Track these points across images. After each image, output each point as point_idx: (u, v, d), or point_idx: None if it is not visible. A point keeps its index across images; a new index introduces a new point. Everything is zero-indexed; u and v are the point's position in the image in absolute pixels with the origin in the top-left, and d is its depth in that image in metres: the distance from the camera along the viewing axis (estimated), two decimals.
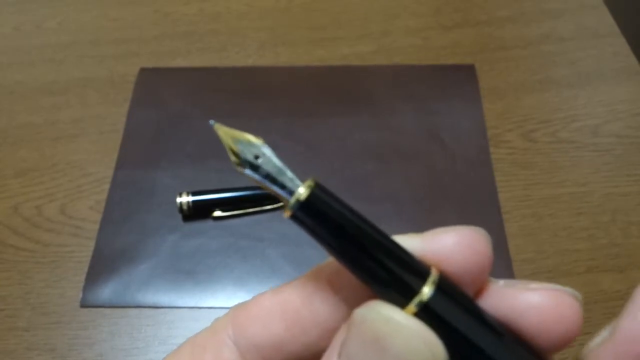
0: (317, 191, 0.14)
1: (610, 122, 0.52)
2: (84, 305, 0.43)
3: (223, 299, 0.43)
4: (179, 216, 0.47)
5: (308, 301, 0.16)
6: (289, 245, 0.45)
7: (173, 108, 0.54)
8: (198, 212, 0.47)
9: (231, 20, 0.62)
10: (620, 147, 0.50)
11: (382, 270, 0.14)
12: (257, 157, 0.15)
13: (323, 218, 0.14)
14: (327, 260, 0.16)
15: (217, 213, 0.47)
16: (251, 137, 0.15)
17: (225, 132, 0.15)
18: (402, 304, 0.14)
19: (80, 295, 0.44)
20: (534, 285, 0.14)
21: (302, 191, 0.14)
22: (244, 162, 0.15)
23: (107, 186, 0.49)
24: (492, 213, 0.46)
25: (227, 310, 0.17)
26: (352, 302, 0.15)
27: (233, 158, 0.15)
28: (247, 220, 0.47)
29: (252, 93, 0.55)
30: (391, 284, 0.14)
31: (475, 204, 0.47)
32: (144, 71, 0.57)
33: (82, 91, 0.56)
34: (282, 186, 0.15)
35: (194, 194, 0.47)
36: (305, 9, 0.63)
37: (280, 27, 0.61)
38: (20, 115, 0.55)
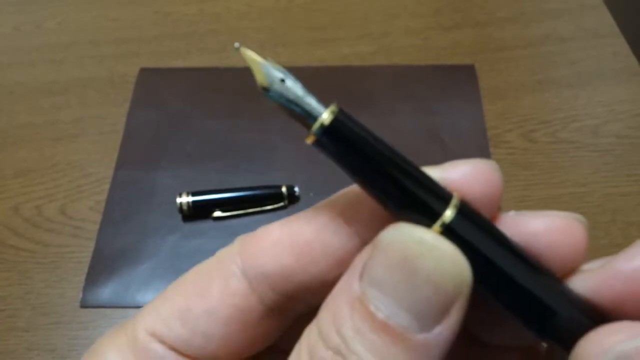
0: (340, 116, 0.14)
1: (610, 123, 0.52)
2: (84, 305, 0.43)
3: None
4: (179, 216, 0.47)
5: (319, 232, 0.16)
6: None
7: (173, 108, 0.54)
8: (198, 212, 0.47)
9: (231, 21, 0.62)
10: (620, 147, 0.50)
11: (405, 193, 0.14)
12: (282, 80, 0.15)
13: (347, 143, 0.14)
14: (340, 192, 0.16)
15: (217, 213, 0.47)
16: (276, 65, 0.15)
17: (251, 55, 0.15)
18: (425, 226, 0.14)
19: (80, 295, 0.44)
20: (545, 212, 0.15)
21: (326, 116, 0.14)
22: (271, 84, 0.15)
23: (107, 186, 0.49)
24: None
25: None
26: (365, 235, 0.15)
27: (259, 80, 0.15)
28: (247, 221, 0.47)
29: (252, 93, 0.55)
30: (415, 207, 0.14)
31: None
32: (144, 71, 0.57)
33: (82, 91, 0.56)
34: (306, 111, 0.14)
35: (194, 194, 0.47)
36: (305, 9, 0.63)
37: (280, 28, 0.61)
38: (20, 116, 0.55)
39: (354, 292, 0.14)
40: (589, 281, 0.15)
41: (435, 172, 0.15)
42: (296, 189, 0.47)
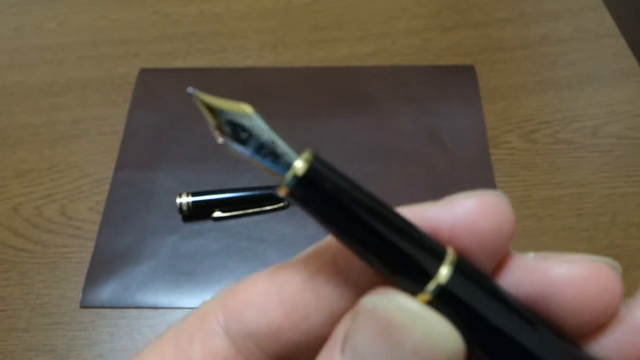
0: (316, 164, 0.13)
1: (610, 123, 0.52)
2: (83, 306, 0.43)
3: None
4: (179, 217, 0.47)
5: (310, 283, 0.14)
6: (289, 246, 0.45)
7: (173, 109, 0.54)
8: (198, 212, 0.47)
9: (231, 22, 0.62)
10: (620, 148, 0.50)
11: (392, 253, 0.12)
12: (244, 129, 0.13)
13: (324, 194, 0.12)
14: (328, 238, 0.14)
15: (217, 214, 0.47)
16: (240, 106, 0.13)
17: (205, 101, 0.13)
18: (416, 288, 0.12)
19: (80, 296, 0.44)
20: (569, 257, 0.13)
21: (299, 165, 0.12)
22: (229, 135, 0.13)
23: (107, 187, 0.49)
24: None
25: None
26: (361, 285, 0.14)
27: (215, 130, 0.13)
28: (247, 221, 0.47)
29: (252, 94, 0.55)
30: (404, 268, 0.12)
31: None
32: (144, 72, 0.57)
33: (82, 92, 0.56)
34: (275, 161, 0.13)
35: (194, 194, 0.47)
36: (305, 10, 0.63)
37: (281, 28, 0.61)
38: (20, 116, 0.55)
39: None
40: (611, 342, 0.13)
41: (433, 211, 0.13)
42: None
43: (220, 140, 0.13)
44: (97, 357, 0.41)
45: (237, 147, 0.13)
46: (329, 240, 0.14)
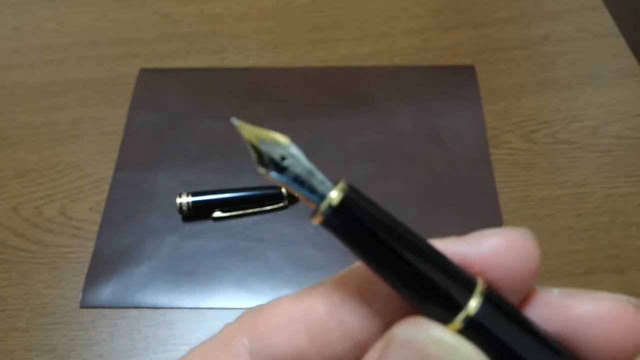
0: (351, 194, 0.13)
1: (610, 123, 0.52)
2: (83, 306, 0.43)
3: (223, 299, 0.43)
4: (179, 217, 0.47)
5: (335, 311, 0.14)
6: (289, 246, 0.45)
7: (173, 109, 0.54)
8: (198, 212, 0.47)
9: (231, 22, 0.62)
10: (620, 148, 0.50)
11: (423, 282, 0.13)
12: (283, 158, 0.14)
13: (357, 224, 0.13)
14: (355, 264, 0.15)
15: (217, 214, 0.47)
16: (277, 136, 0.14)
17: (248, 131, 0.14)
18: (446, 318, 0.12)
19: (80, 296, 0.44)
20: (594, 295, 0.13)
21: (334, 195, 0.13)
22: (269, 164, 0.13)
23: (107, 187, 0.49)
24: (492, 214, 0.46)
25: (232, 312, 0.16)
26: (386, 314, 0.14)
27: (256, 159, 0.13)
28: (247, 221, 0.47)
29: (252, 94, 0.55)
30: (434, 297, 0.13)
31: (475, 205, 0.47)
32: (144, 72, 0.57)
33: (82, 92, 0.56)
34: (312, 190, 0.13)
35: (194, 194, 0.47)
36: (305, 10, 0.63)
37: (281, 28, 0.61)
38: (20, 116, 0.55)
39: None
40: None
41: (460, 246, 0.14)
42: None
43: (261, 170, 0.13)
44: (97, 357, 0.41)
45: (276, 176, 0.13)
46: (353, 268, 0.15)
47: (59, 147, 0.52)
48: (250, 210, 0.47)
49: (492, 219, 0.46)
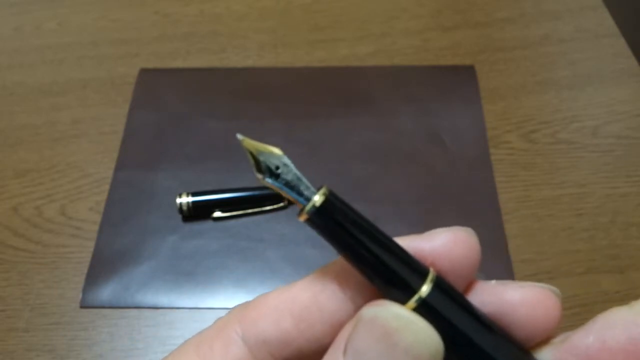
0: (331, 198, 0.16)
1: (610, 123, 0.52)
2: (83, 306, 0.43)
3: (223, 299, 0.43)
4: (179, 217, 0.47)
5: (316, 298, 0.17)
6: (289, 246, 0.45)
7: (173, 109, 0.54)
8: (198, 212, 0.47)
9: (231, 22, 0.62)
10: (620, 148, 0.50)
11: (386, 270, 0.15)
12: (277, 167, 0.16)
13: (336, 222, 0.16)
14: (333, 260, 0.17)
15: (217, 214, 0.47)
16: (273, 149, 0.17)
17: (249, 144, 0.17)
18: (403, 300, 0.15)
19: (80, 296, 0.44)
20: (524, 283, 0.16)
21: (317, 198, 0.16)
22: (265, 171, 0.16)
23: (107, 187, 0.49)
24: (492, 214, 0.46)
25: (227, 311, 0.18)
26: (357, 300, 0.16)
27: (255, 168, 0.16)
28: (246, 221, 0.47)
29: (252, 94, 0.55)
30: (394, 282, 0.15)
31: (475, 204, 0.47)
32: (144, 72, 0.57)
33: (82, 92, 0.56)
34: (299, 193, 0.16)
35: (194, 194, 0.47)
36: (305, 10, 0.63)
37: (281, 29, 0.61)
38: (20, 116, 0.55)
39: None
40: (552, 354, 0.16)
41: (417, 242, 0.16)
42: None
43: (259, 176, 0.16)
44: (97, 357, 0.41)
45: (271, 182, 0.16)
46: (332, 262, 0.17)
47: (59, 147, 0.52)
48: (250, 210, 0.47)
49: (491, 218, 0.46)
